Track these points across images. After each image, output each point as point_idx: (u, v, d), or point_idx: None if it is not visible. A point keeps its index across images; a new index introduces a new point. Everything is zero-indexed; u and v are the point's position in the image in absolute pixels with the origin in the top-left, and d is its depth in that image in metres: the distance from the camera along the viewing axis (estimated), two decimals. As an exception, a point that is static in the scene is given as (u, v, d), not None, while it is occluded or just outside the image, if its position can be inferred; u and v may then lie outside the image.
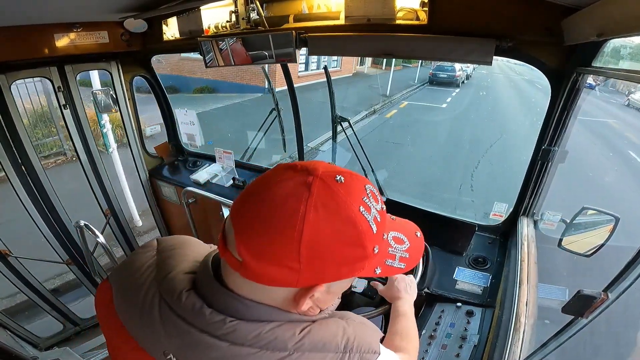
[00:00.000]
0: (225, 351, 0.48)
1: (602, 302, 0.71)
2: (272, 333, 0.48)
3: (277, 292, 0.49)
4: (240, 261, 0.45)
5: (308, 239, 0.42)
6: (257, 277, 0.45)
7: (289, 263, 0.43)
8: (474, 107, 11.21)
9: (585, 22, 0.92)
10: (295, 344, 0.49)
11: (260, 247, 0.43)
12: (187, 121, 2.41)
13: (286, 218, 0.42)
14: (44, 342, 2.32)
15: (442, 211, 1.74)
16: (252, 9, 1.50)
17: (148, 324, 0.52)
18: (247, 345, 0.48)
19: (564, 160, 1.37)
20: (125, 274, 0.58)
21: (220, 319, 0.49)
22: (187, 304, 0.50)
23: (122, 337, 0.55)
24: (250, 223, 0.44)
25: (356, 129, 2.11)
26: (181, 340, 0.49)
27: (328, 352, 0.50)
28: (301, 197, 0.42)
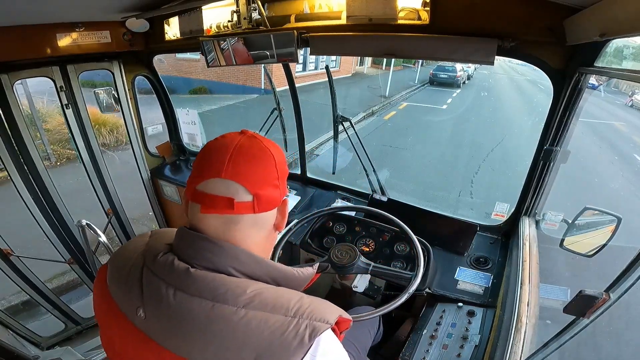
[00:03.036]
0: (183, 300, 0.52)
1: (603, 302, 0.71)
2: (226, 285, 0.53)
3: (270, 218, 0.61)
4: (251, 201, 0.56)
5: (278, 161, 0.60)
6: (266, 204, 0.58)
7: (275, 182, 0.59)
8: (475, 108, 11.16)
9: (587, 22, 0.92)
10: (245, 299, 0.52)
11: (263, 177, 0.58)
12: (189, 121, 2.41)
13: (263, 155, 0.59)
14: (45, 342, 2.33)
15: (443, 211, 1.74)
16: (254, 8, 1.50)
17: (128, 286, 0.57)
18: (200, 295, 0.52)
19: (565, 161, 1.37)
20: (119, 254, 0.65)
21: (184, 268, 0.54)
22: (161, 259, 0.56)
23: (109, 309, 0.59)
24: (247, 169, 0.57)
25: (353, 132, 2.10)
26: (150, 294, 0.55)
27: (276, 314, 0.51)
28: (259, 141, 0.60)
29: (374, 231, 1.67)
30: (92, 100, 2.14)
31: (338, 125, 2.12)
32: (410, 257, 1.54)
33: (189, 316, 0.51)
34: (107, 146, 6.22)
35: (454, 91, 13.17)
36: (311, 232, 1.74)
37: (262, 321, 0.50)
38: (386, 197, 1.88)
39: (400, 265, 1.54)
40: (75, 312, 2.44)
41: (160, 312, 0.53)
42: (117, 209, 2.44)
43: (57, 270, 3.08)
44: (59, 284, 3.09)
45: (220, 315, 0.50)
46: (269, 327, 0.50)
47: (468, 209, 4.94)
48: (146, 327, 0.54)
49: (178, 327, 0.52)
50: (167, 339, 0.53)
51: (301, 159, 2.19)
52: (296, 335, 0.50)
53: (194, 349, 0.51)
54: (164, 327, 0.53)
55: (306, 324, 0.51)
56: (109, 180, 2.33)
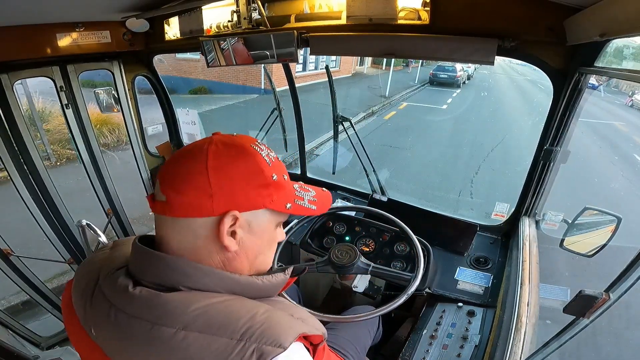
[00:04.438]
0: (124, 323, 0.49)
1: (603, 303, 0.71)
2: (166, 305, 0.47)
3: (197, 228, 0.52)
4: (164, 201, 0.51)
5: (213, 162, 0.51)
6: (180, 209, 0.51)
7: (202, 185, 0.50)
8: (475, 108, 11.16)
9: (588, 22, 0.92)
10: (186, 320, 0.46)
11: (178, 179, 0.51)
12: (189, 121, 2.41)
13: (194, 152, 0.53)
14: (45, 341, 2.33)
15: (443, 211, 1.74)
16: (254, 8, 1.50)
17: (83, 304, 0.55)
18: (139, 317, 0.48)
19: (565, 161, 1.37)
20: (82, 268, 0.62)
21: (123, 285, 0.51)
22: (111, 278, 0.53)
23: (74, 324, 0.58)
24: (169, 168, 0.54)
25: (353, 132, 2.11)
26: (97, 314, 0.53)
27: (220, 337, 0.45)
28: (205, 141, 0.54)
29: (374, 231, 1.67)
30: (92, 100, 2.14)
31: (338, 125, 2.13)
32: (410, 257, 1.54)
33: (130, 338, 0.48)
34: (108, 146, 6.22)
35: (454, 91, 13.18)
36: (311, 232, 1.74)
37: (204, 346, 0.45)
38: (386, 197, 1.88)
39: (400, 265, 1.54)
40: (75, 312, 2.44)
41: (106, 333, 0.52)
42: (117, 209, 2.44)
43: (57, 270, 3.08)
44: (59, 284, 3.08)
45: (158, 338, 0.46)
46: (210, 352, 0.44)
47: (468, 209, 4.94)
48: (101, 345, 0.53)
49: (124, 348, 0.50)
50: (119, 357, 0.52)
51: (301, 159, 2.20)
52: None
53: None
54: (113, 346, 0.52)
55: (253, 349, 0.44)
56: (109, 180, 2.33)
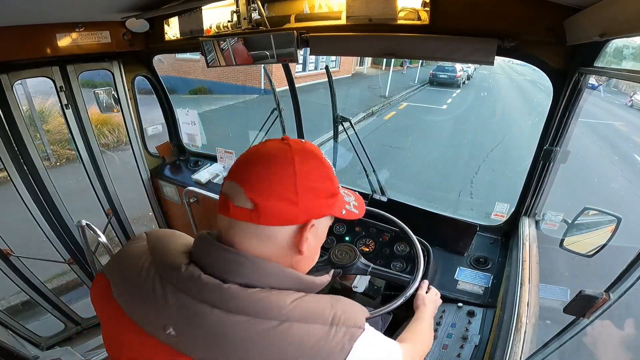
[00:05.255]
0: (219, 319, 0.50)
1: (603, 302, 0.71)
2: (265, 299, 0.51)
3: (281, 236, 0.55)
4: (251, 208, 0.52)
5: (300, 174, 0.53)
6: (268, 217, 0.53)
7: (289, 195, 0.52)
8: (475, 108, 11.16)
9: (587, 22, 0.92)
10: (285, 313, 0.51)
11: (266, 185, 0.52)
12: (189, 121, 2.41)
13: (281, 161, 0.53)
14: (45, 342, 2.33)
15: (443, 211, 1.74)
16: (254, 8, 1.50)
17: (148, 302, 0.54)
18: (240, 312, 0.50)
19: (565, 161, 1.37)
20: (121, 264, 0.61)
21: (215, 284, 0.52)
22: (186, 274, 0.53)
23: (123, 324, 0.56)
24: (254, 173, 0.53)
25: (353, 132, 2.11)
26: (180, 311, 0.52)
27: (315, 324, 0.51)
28: (286, 148, 0.55)
29: (374, 231, 1.67)
30: (92, 101, 2.14)
31: (338, 126, 2.13)
32: (410, 258, 1.54)
33: (228, 334, 0.50)
34: (108, 146, 6.22)
35: (453, 91, 13.17)
36: (311, 232, 1.73)
37: (304, 333, 0.50)
38: (386, 197, 1.88)
39: (400, 265, 1.54)
40: (75, 312, 2.44)
41: (194, 331, 0.51)
42: (117, 209, 2.44)
43: (57, 270, 3.07)
44: (58, 284, 3.08)
45: (261, 331, 0.50)
46: (310, 338, 0.50)
47: (468, 209, 4.94)
48: (176, 344, 0.52)
49: (217, 345, 0.50)
50: (204, 355, 0.51)
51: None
52: (337, 343, 0.51)
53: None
54: (200, 344, 0.51)
55: (344, 332, 0.52)
56: (109, 181, 2.33)
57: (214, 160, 2.42)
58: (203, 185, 2.30)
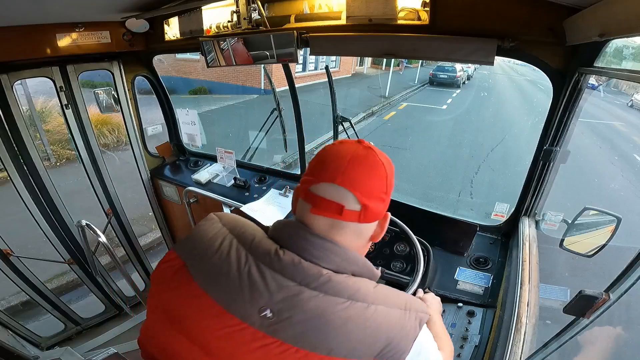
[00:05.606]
0: (319, 301, 0.56)
1: (603, 302, 0.71)
2: (355, 284, 0.59)
3: (368, 230, 0.64)
4: (359, 210, 0.60)
5: (389, 176, 0.63)
6: (370, 216, 0.61)
7: (382, 195, 0.62)
8: (475, 108, 11.15)
9: (587, 23, 0.92)
10: (372, 296, 0.59)
11: (372, 191, 0.60)
12: (189, 121, 2.41)
13: (375, 165, 0.61)
14: (45, 342, 2.33)
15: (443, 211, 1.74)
16: (254, 8, 1.50)
17: (242, 286, 0.57)
18: (338, 295, 0.57)
19: (565, 161, 1.37)
20: (200, 248, 0.62)
21: (316, 270, 0.58)
22: (287, 259, 0.58)
23: (198, 305, 0.58)
24: (360, 179, 0.59)
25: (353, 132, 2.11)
26: (281, 295, 0.56)
27: (395, 307, 0.60)
28: (373, 153, 0.62)
29: (374, 231, 1.67)
30: (92, 101, 2.14)
31: (338, 126, 2.13)
32: (410, 258, 1.54)
33: (328, 314, 0.55)
34: (108, 146, 6.22)
35: (453, 91, 13.16)
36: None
37: (388, 315, 0.58)
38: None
39: (400, 265, 1.54)
40: (75, 312, 2.44)
41: (295, 313, 0.55)
42: (117, 209, 2.44)
43: (57, 270, 3.08)
44: (58, 284, 3.09)
45: (357, 312, 0.56)
46: (392, 319, 0.58)
47: (468, 209, 4.93)
48: (268, 327, 0.55)
49: (316, 326, 0.55)
50: (301, 337, 0.55)
51: (301, 160, 2.19)
52: (412, 325, 0.60)
53: (333, 344, 0.55)
54: (298, 327, 0.55)
55: (415, 316, 0.61)
56: (109, 181, 2.33)
57: (214, 160, 2.42)
58: (203, 185, 2.30)
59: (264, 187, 2.22)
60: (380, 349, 0.56)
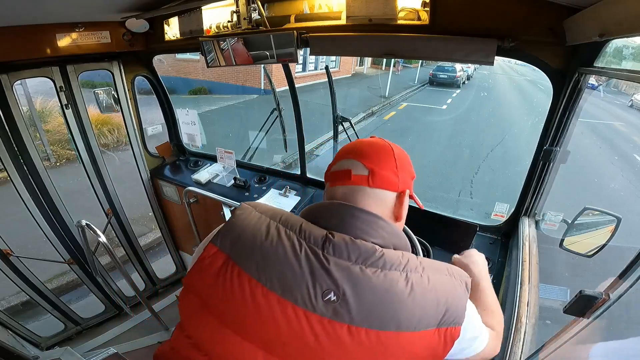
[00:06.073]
0: (381, 276, 0.58)
1: (603, 302, 0.71)
2: (404, 256, 0.62)
3: (388, 199, 0.69)
4: (367, 174, 0.67)
5: (397, 154, 0.72)
6: (379, 181, 0.67)
7: (393, 169, 0.70)
8: (475, 108, 11.15)
9: (587, 23, 0.92)
10: (421, 266, 0.62)
11: (378, 160, 0.69)
12: (189, 121, 2.41)
13: (384, 147, 0.72)
14: (45, 342, 2.33)
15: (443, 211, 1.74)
16: (254, 9, 1.50)
17: (303, 270, 0.58)
18: (395, 269, 0.60)
19: (565, 161, 1.37)
20: (245, 238, 0.63)
21: (370, 247, 0.61)
22: (339, 241, 0.60)
23: (262, 302, 0.57)
24: (367, 152, 0.70)
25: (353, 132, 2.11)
26: (343, 276, 0.58)
27: (442, 275, 0.63)
28: (384, 141, 0.75)
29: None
30: (92, 101, 2.14)
31: (338, 126, 2.13)
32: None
33: (392, 288, 0.57)
34: (108, 146, 6.22)
35: (453, 91, 13.16)
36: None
37: (440, 281, 0.62)
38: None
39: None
40: (75, 312, 2.44)
41: (360, 291, 0.57)
42: (117, 209, 2.44)
43: (57, 270, 3.08)
44: (58, 284, 3.09)
45: (416, 282, 0.59)
46: (444, 284, 0.62)
47: (468, 209, 4.93)
48: (333, 311, 0.56)
49: (383, 301, 0.57)
50: (368, 316, 0.56)
51: (301, 160, 2.20)
52: (461, 287, 0.64)
53: (401, 317, 0.57)
54: (364, 305, 0.57)
55: (460, 279, 0.65)
56: (109, 181, 2.33)
57: (214, 160, 2.42)
58: (203, 185, 2.30)
59: (264, 187, 2.22)
60: (442, 316, 0.59)
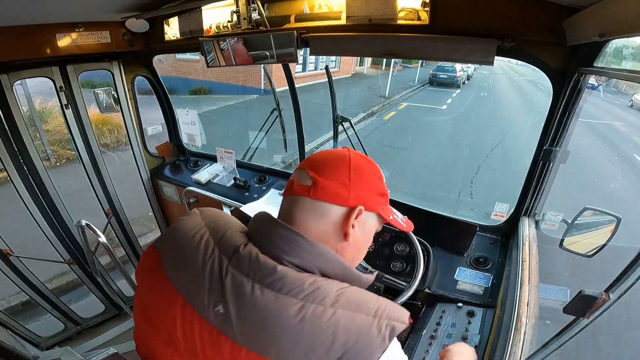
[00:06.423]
0: (271, 300, 0.52)
1: (603, 303, 0.71)
2: (314, 284, 0.54)
3: (332, 214, 0.60)
4: (310, 185, 0.60)
5: (354, 165, 0.62)
6: (322, 193, 0.60)
7: (344, 180, 0.61)
8: (475, 108, 11.15)
9: (587, 23, 0.92)
10: (332, 299, 0.53)
11: (326, 169, 0.61)
12: (189, 121, 2.41)
13: (339, 154, 0.64)
14: (45, 342, 2.33)
15: (443, 211, 1.74)
16: (254, 8, 1.50)
17: (204, 279, 0.56)
18: (291, 294, 0.53)
19: (565, 161, 1.37)
20: (175, 239, 0.63)
21: (272, 265, 0.55)
22: (244, 253, 0.56)
23: (172, 299, 0.57)
24: (318, 160, 0.63)
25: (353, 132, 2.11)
26: (234, 290, 0.54)
27: (360, 313, 0.53)
28: (346, 150, 0.65)
29: (374, 231, 1.67)
30: (92, 101, 2.14)
31: (338, 126, 2.13)
32: (410, 258, 1.54)
33: (278, 315, 0.51)
34: (108, 146, 6.22)
35: (453, 91, 13.17)
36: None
37: (349, 320, 0.52)
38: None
39: (400, 265, 1.54)
40: (75, 312, 2.44)
41: (245, 311, 0.53)
42: (117, 209, 2.44)
43: (57, 270, 3.08)
44: (58, 284, 3.09)
45: (310, 315, 0.51)
46: (355, 325, 0.52)
47: (468, 209, 4.94)
48: (221, 324, 0.54)
49: (265, 327, 0.51)
50: (250, 337, 0.52)
51: (301, 160, 2.20)
52: (379, 333, 0.53)
53: (281, 348, 0.51)
54: (248, 325, 0.52)
55: (386, 324, 0.54)
56: (109, 181, 2.33)
57: (214, 160, 2.42)
58: (203, 185, 2.30)
59: (264, 187, 2.22)
60: (337, 358, 0.51)
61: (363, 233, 0.64)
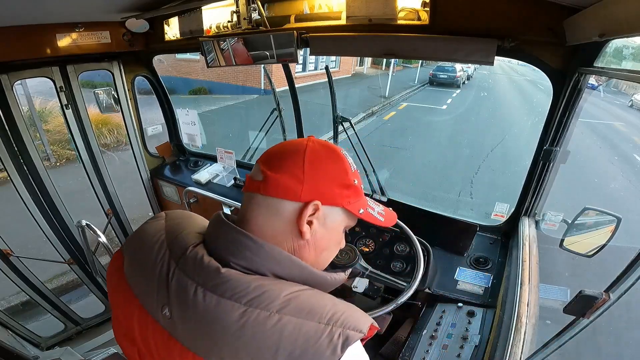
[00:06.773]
0: (214, 304, 0.50)
1: (603, 303, 0.71)
2: (260, 288, 0.50)
3: (285, 211, 0.55)
4: (261, 180, 0.56)
5: (309, 155, 0.56)
6: (272, 188, 0.55)
7: (297, 172, 0.55)
8: (475, 108, 11.15)
9: (587, 23, 0.92)
10: (279, 304, 0.49)
11: (277, 162, 0.56)
12: (189, 121, 2.41)
13: (295, 144, 0.58)
14: (45, 342, 2.33)
15: (443, 211, 1.74)
16: (254, 9, 1.50)
17: (154, 281, 0.55)
18: (234, 299, 0.49)
19: (565, 161, 1.37)
20: (136, 241, 0.62)
21: (214, 267, 0.52)
22: (190, 255, 0.54)
23: (133, 303, 0.57)
24: (272, 153, 0.59)
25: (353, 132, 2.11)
26: (178, 293, 0.52)
27: (310, 320, 0.49)
28: (305, 140, 0.59)
29: (374, 231, 1.67)
30: (92, 101, 2.14)
31: (338, 126, 2.12)
32: (410, 258, 1.54)
33: (219, 320, 0.49)
34: (108, 146, 6.23)
35: (453, 91, 13.16)
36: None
37: (297, 327, 0.48)
38: (386, 198, 1.88)
39: (400, 265, 1.54)
40: (75, 312, 2.44)
41: (187, 314, 0.51)
42: (117, 209, 2.44)
43: (57, 270, 3.08)
44: (58, 284, 3.09)
45: (253, 320, 0.48)
46: (303, 334, 0.48)
47: (468, 209, 4.94)
48: (170, 327, 0.52)
49: (207, 331, 0.49)
50: (194, 341, 0.51)
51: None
52: (330, 343, 0.48)
53: (224, 354, 0.49)
54: (191, 329, 0.51)
55: (339, 332, 0.49)
56: (109, 181, 2.33)
57: (214, 160, 2.42)
58: (203, 186, 2.30)
59: (264, 187, 2.22)
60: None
61: (325, 230, 0.59)
